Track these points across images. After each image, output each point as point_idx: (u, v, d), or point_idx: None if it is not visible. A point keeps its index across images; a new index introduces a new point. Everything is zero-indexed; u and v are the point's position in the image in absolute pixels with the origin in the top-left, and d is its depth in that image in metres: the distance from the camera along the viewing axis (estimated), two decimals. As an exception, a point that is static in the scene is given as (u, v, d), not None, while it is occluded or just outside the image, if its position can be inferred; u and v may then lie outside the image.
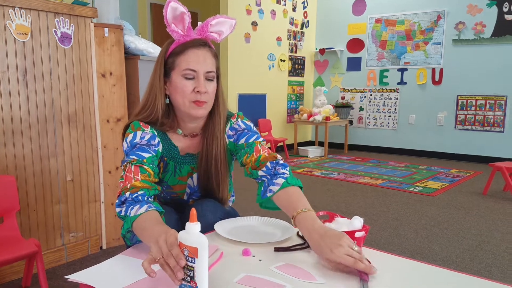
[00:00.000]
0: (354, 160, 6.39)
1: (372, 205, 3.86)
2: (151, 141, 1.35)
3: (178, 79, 1.33)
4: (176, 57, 1.34)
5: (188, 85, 1.32)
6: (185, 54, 1.33)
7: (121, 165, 1.32)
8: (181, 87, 1.32)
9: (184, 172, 1.45)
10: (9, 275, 2.26)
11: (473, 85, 6.19)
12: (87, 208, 2.61)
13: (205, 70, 1.33)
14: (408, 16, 6.68)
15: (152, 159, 1.32)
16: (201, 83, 1.32)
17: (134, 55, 2.83)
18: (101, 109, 2.63)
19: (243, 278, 1.01)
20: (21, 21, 2.20)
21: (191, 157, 1.45)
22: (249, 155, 1.40)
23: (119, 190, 1.26)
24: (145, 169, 1.28)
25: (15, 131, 2.23)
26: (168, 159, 1.42)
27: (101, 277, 1.01)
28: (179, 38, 1.35)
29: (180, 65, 1.33)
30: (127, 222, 1.18)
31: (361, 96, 7.28)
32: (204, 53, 1.34)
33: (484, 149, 6.17)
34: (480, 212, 3.68)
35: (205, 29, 1.37)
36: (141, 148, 1.32)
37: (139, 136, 1.34)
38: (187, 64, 1.32)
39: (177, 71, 1.33)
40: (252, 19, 6.34)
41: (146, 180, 1.26)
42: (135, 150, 1.32)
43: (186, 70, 1.32)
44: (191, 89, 1.32)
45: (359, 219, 1.19)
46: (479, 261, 2.63)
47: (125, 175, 1.27)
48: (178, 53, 1.34)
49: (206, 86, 1.33)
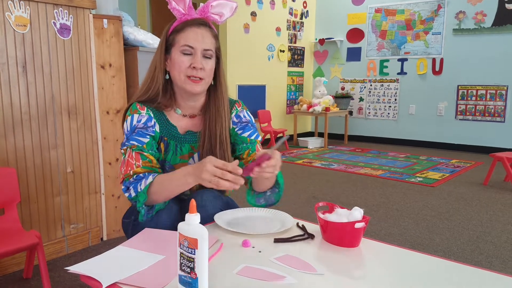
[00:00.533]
0: (354, 151, 6.39)
1: (372, 196, 3.87)
2: (147, 123, 1.39)
3: (176, 55, 1.38)
4: (176, 34, 1.40)
5: (185, 60, 1.37)
6: (185, 31, 1.38)
7: (121, 148, 1.38)
8: (178, 62, 1.38)
9: (185, 151, 1.47)
10: (11, 266, 2.27)
11: (473, 75, 6.16)
12: (87, 199, 2.61)
13: (202, 48, 1.38)
14: (408, 5, 6.64)
15: (151, 143, 1.37)
16: (197, 59, 1.37)
17: (133, 46, 2.82)
18: (100, 100, 2.62)
19: (243, 269, 1.01)
20: (20, 12, 2.18)
21: (192, 135, 1.48)
22: (251, 153, 1.48)
23: (121, 176, 1.33)
24: (146, 155, 1.34)
25: (15, 123, 2.22)
26: (168, 139, 1.44)
27: (101, 268, 1.01)
28: (180, 16, 1.41)
29: (179, 42, 1.38)
30: (141, 195, 1.27)
31: (361, 86, 7.26)
32: (203, 32, 1.39)
33: (484, 139, 6.16)
34: (481, 203, 3.68)
35: (206, 10, 1.42)
36: (139, 133, 1.37)
37: (136, 119, 1.39)
38: (186, 40, 1.37)
39: (176, 47, 1.39)
40: (251, 10, 6.31)
41: (147, 165, 1.33)
42: (134, 134, 1.36)
43: (184, 46, 1.37)
44: (187, 64, 1.37)
45: (359, 210, 1.19)
46: (480, 252, 2.64)
47: (126, 160, 1.34)
48: (179, 30, 1.39)
49: (202, 63, 1.38)
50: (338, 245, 1.16)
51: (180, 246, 0.89)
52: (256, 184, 1.45)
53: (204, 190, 1.47)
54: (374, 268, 1.02)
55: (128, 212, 1.51)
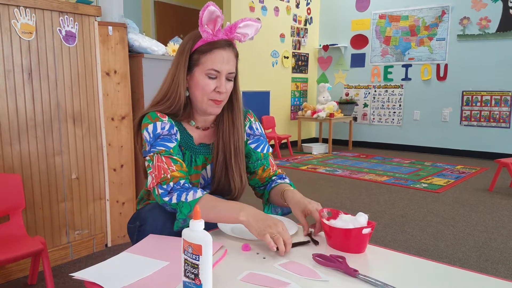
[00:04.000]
0: (359, 156, 6.37)
1: (377, 202, 3.86)
2: (171, 131, 1.39)
3: (201, 76, 1.37)
4: (202, 54, 1.37)
5: (210, 84, 1.37)
6: (212, 53, 1.36)
7: (146, 155, 1.36)
8: (202, 85, 1.37)
9: (199, 162, 1.48)
10: (15, 272, 2.27)
11: (478, 80, 6.15)
12: (92, 206, 2.62)
13: (227, 71, 1.37)
14: (412, 11, 6.65)
15: (178, 149, 1.38)
16: (222, 84, 1.37)
17: (138, 53, 2.83)
18: (105, 107, 2.64)
19: (247, 275, 1.01)
20: (26, 20, 2.20)
21: (205, 147, 1.48)
22: (266, 168, 1.54)
23: (155, 180, 1.30)
24: (176, 159, 1.33)
25: (21, 130, 2.24)
26: (185, 149, 1.45)
27: (106, 274, 1.01)
28: (208, 36, 1.37)
29: (205, 64, 1.36)
30: (186, 206, 1.25)
31: (365, 92, 7.26)
32: (229, 54, 1.38)
33: (489, 145, 6.14)
34: (486, 209, 3.66)
35: (233, 31, 1.40)
36: (165, 139, 1.36)
37: (160, 127, 1.37)
38: (212, 64, 1.35)
39: (201, 68, 1.37)
40: (255, 16, 6.33)
41: (180, 169, 1.32)
42: (159, 140, 1.35)
43: (211, 70, 1.36)
44: (212, 88, 1.37)
45: (364, 215, 1.19)
46: (485, 258, 2.62)
47: (157, 165, 1.31)
48: (205, 51, 1.36)
49: (226, 87, 1.38)
50: (343, 251, 1.16)
51: (185, 252, 0.89)
52: (272, 201, 1.53)
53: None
54: (380, 275, 1.01)
55: (133, 217, 1.51)
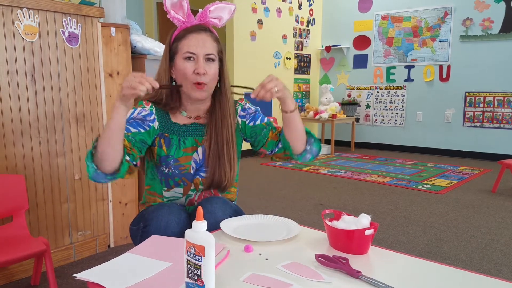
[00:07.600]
0: (361, 158, 6.37)
1: (379, 203, 3.85)
2: (146, 117, 1.45)
3: (180, 62, 1.43)
4: (178, 42, 1.44)
5: (188, 66, 1.41)
6: (186, 38, 1.43)
7: None
8: (182, 69, 1.42)
9: (188, 144, 1.51)
10: (18, 273, 2.28)
11: (481, 81, 6.14)
12: (95, 206, 2.62)
13: (204, 53, 1.42)
14: (414, 12, 6.64)
15: (140, 135, 1.41)
16: (200, 65, 1.41)
17: (141, 55, 2.84)
18: (108, 108, 2.64)
19: (250, 276, 1.01)
20: (29, 21, 2.21)
21: (197, 127, 1.52)
22: (274, 130, 1.56)
23: None
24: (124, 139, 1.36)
25: (24, 131, 2.24)
26: (170, 134, 1.49)
27: (109, 275, 1.01)
28: (180, 24, 1.45)
29: (181, 49, 1.43)
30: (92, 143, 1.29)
31: (368, 93, 7.25)
32: (204, 37, 1.43)
33: (493, 146, 6.12)
34: (489, 210, 3.65)
35: (205, 15, 1.46)
36: (132, 124, 1.42)
37: (137, 112, 1.45)
38: (188, 47, 1.41)
39: (179, 54, 1.43)
40: (257, 17, 6.34)
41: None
42: (127, 123, 1.40)
43: (186, 53, 1.41)
44: (191, 70, 1.41)
45: (366, 217, 1.19)
46: (488, 260, 2.61)
47: None
48: (180, 38, 1.44)
49: (205, 68, 1.41)
50: (346, 252, 1.16)
51: (187, 253, 0.89)
52: (289, 136, 1.49)
53: (213, 197, 1.48)
54: (382, 276, 1.01)
55: (136, 219, 1.51)
